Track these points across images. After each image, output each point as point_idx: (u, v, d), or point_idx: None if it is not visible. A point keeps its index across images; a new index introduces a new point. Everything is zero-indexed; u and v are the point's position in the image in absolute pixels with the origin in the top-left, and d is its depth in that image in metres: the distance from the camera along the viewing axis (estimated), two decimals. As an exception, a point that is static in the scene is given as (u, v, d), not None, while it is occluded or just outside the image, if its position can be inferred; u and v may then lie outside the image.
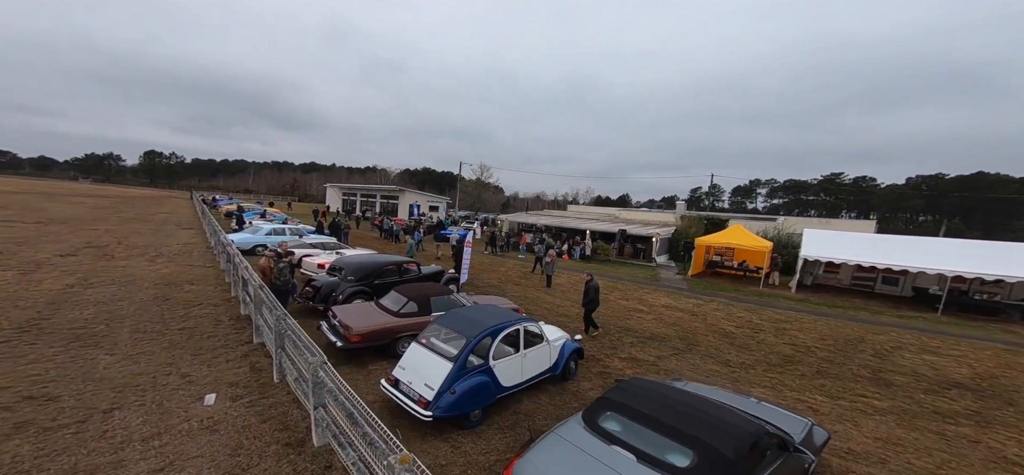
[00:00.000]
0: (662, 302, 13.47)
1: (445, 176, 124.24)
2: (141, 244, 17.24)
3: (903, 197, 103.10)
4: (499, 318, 6.03)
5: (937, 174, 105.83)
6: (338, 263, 10.35)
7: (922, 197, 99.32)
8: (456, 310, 6.48)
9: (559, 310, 11.88)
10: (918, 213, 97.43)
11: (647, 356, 8.56)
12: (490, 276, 16.46)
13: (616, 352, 8.62)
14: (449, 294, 8.21)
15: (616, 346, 9.03)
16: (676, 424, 3.67)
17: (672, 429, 3.64)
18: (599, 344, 9.04)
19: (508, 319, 6.06)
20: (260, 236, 17.38)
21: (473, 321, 5.84)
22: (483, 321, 5.82)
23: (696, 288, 16.63)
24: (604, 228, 26.40)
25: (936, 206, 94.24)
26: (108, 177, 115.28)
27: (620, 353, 8.58)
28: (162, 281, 11.64)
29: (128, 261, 13.79)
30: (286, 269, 8.79)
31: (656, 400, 4.02)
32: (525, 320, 6.31)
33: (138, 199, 49.72)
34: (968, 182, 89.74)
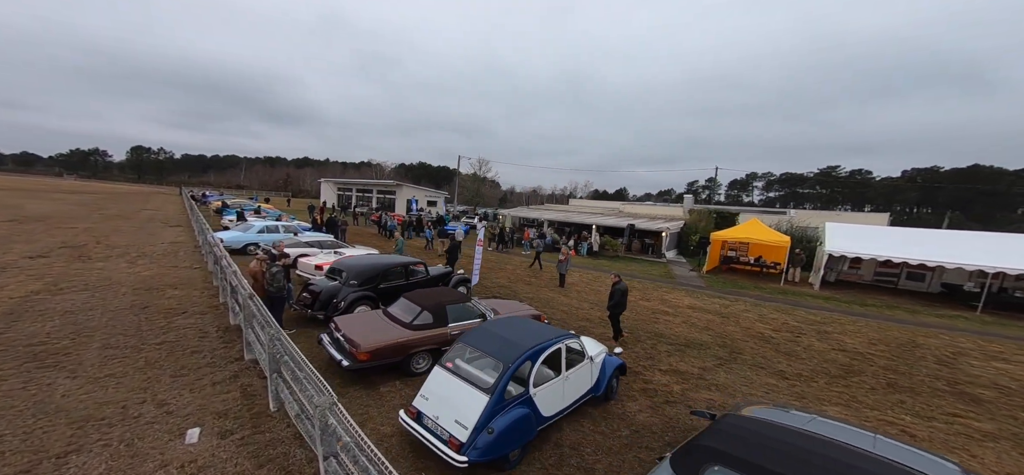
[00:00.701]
0: (686, 302, 12.60)
1: (441, 170, 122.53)
2: (122, 243, 16.01)
3: (898, 190, 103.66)
4: (537, 336, 5.07)
5: (932, 167, 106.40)
6: (339, 265, 9.31)
7: (917, 190, 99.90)
8: (486, 326, 5.50)
9: (578, 313, 10.95)
10: (914, 206, 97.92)
11: (690, 367, 7.66)
12: (498, 275, 15.50)
13: (655, 363, 7.72)
14: (466, 301, 7.23)
15: (652, 356, 8.13)
16: None
17: None
18: (633, 354, 8.13)
19: (547, 337, 5.10)
20: (252, 234, 16.23)
21: (508, 341, 4.86)
22: (520, 341, 4.85)
23: (715, 286, 15.80)
24: (611, 223, 25.50)
25: (931, 199, 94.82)
26: (94, 173, 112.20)
27: (659, 364, 7.68)
28: (142, 285, 10.51)
29: (106, 263, 12.61)
30: (281, 273, 7.73)
31: (779, 451, 3.07)
32: (566, 336, 5.35)
33: (124, 195, 47.90)
34: (964, 175, 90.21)
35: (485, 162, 64.46)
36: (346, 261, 9.40)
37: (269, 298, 7.66)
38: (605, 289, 13.94)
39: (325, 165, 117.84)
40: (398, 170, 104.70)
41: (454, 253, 14.83)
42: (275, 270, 7.66)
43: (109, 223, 21.60)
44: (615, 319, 8.81)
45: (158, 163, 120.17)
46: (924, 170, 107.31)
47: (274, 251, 9.28)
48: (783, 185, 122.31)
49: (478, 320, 7.13)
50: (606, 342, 8.07)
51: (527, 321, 5.81)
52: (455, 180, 51.21)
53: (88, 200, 36.01)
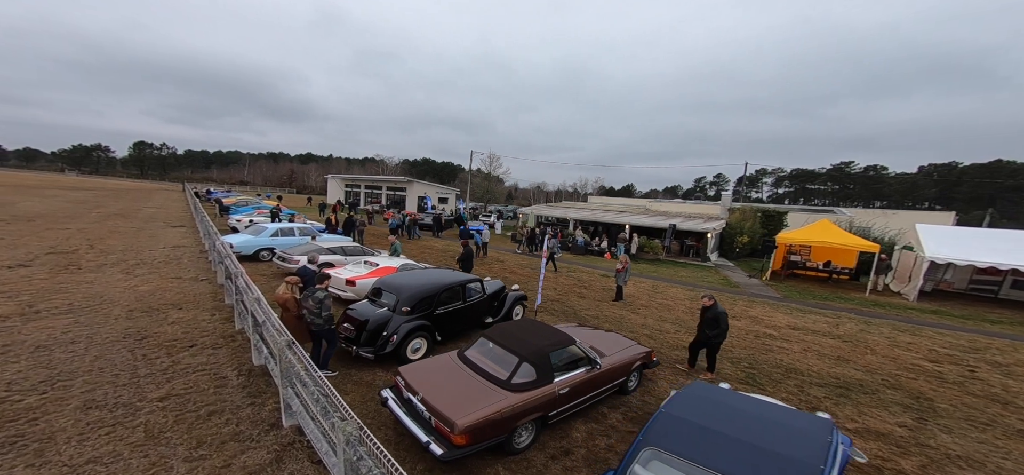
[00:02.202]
0: (783, 321, 10.66)
1: (445, 166, 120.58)
2: (119, 247, 14.20)
3: (915, 186, 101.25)
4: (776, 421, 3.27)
5: (950, 162, 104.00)
6: (382, 284, 7.44)
7: (935, 185, 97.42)
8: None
9: (665, 336, 9.05)
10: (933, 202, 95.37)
11: (884, 425, 5.74)
12: (546, 283, 13.62)
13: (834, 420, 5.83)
14: (569, 342, 5.34)
15: (811, 404, 6.23)
16: None
17: None
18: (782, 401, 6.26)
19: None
20: (264, 238, 14.39)
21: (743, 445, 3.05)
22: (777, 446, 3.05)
23: (792, 296, 13.82)
24: (646, 222, 23.56)
25: (949, 195, 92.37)
26: (96, 169, 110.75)
27: (837, 420, 5.78)
28: (139, 305, 8.69)
29: (98, 273, 10.80)
30: (327, 301, 5.84)
31: None
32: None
33: (125, 191, 46.19)
34: (985, 170, 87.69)
35: (495, 158, 62.33)
36: (391, 280, 7.53)
37: (311, 333, 5.84)
38: (675, 303, 12.08)
39: (329, 161, 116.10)
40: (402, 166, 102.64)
41: (468, 262, 12.32)
42: (321, 296, 5.78)
43: (106, 223, 19.81)
44: (714, 350, 6.93)
45: (161, 159, 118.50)
46: (941, 166, 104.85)
47: (311, 266, 7.42)
48: (793, 181, 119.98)
49: (586, 370, 5.28)
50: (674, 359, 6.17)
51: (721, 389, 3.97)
52: (468, 177, 49.27)
53: (87, 197, 34.27)
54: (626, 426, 5.38)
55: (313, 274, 7.16)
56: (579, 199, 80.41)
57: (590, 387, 5.29)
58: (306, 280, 7.01)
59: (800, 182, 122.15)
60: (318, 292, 5.76)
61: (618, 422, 5.46)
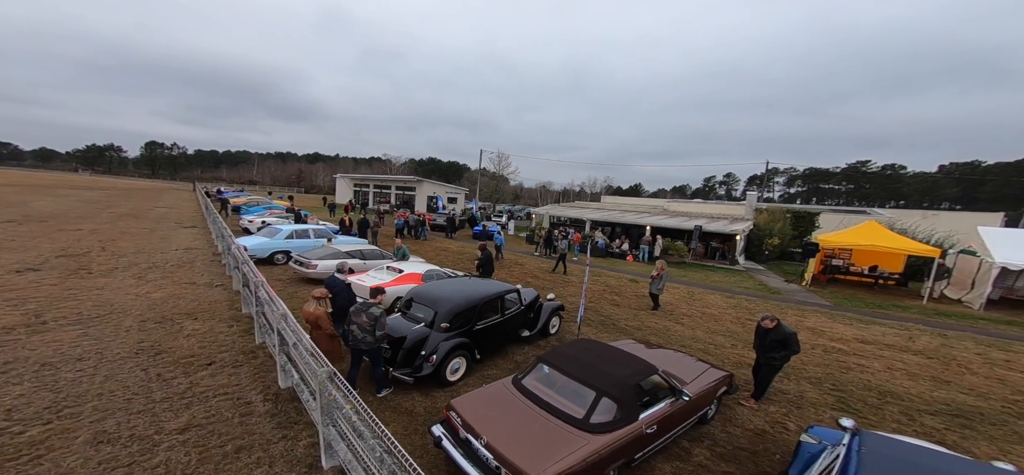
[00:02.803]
0: (848, 333, 9.71)
1: (450, 165, 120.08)
2: (131, 250, 13.71)
3: (936, 185, 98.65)
4: None
5: (973, 161, 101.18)
6: (416, 296, 6.75)
7: (957, 185, 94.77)
8: None
9: (715, 350, 8.24)
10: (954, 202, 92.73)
11: None
12: (565, 289, 12.88)
13: None
14: (651, 372, 4.57)
15: (938, 440, 5.40)
16: None
17: None
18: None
19: None
20: (279, 240, 13.80)
21: None
22: None
23: (844, 304, 12.78)
24: (668, 224, 22.65)
25: (972, 195, 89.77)
26: (109, 168, 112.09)
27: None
28: (152, 314, 8.11)
29: (109, 278, 10.26)
30: (383, 319, 5.23)
31: None
32: None
33: (136, 191, 46.25)
34: (1011, 169, 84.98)
35: (504, 157, 61.58)
36: (425, 291, 6.83)
37: (352, 353, 5.21)
38: (719, 312, 11.23)
39: (336, 161, 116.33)
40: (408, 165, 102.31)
41: (488, 268, 11.32)
42: (377, 312, 5.15)
43: (118, 224, 19.43)
44: (773, 373, 6.04)
45: (171, 158, 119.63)
46: (962, 165, 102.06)
47: (340, 276, 6.74)
48: (806, 181, 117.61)
49: (670, 402, 4.51)
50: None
51: None
52: (477, 176, 48.59)
53: (99, 197, 34.19)
54: (718, 466, 4.63)
55: (342, 286, 6.48)
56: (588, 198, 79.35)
57: (675, 422, 4.55)
58: (335, 292, 6.35)
59: (813, 182, 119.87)
60: (374, 308, 5.13)
61: (707, 460, 4.70)
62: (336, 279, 6.58)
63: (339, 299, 6.44)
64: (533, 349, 7.59)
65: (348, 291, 6.56)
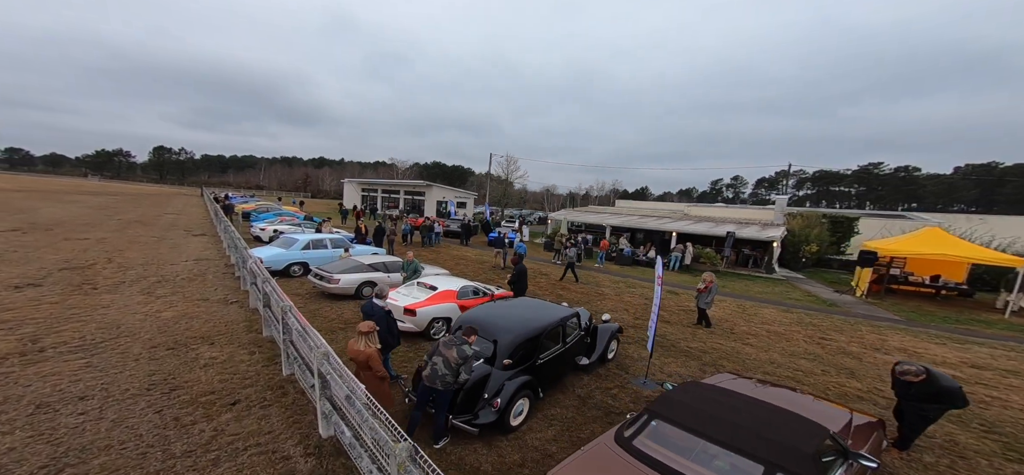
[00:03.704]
0: (950, 356, 8.45)
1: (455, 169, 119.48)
2: (139, 261, 12.91)
3: (953, 187, 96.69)
4: None
5: (990, 163, 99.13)
6: (470, 321, 5.79)
7: (975, 187, 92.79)
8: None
9: (806, 378, 7.21)
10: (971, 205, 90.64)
11: None
12: (610, 303, 11.88)
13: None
14: (824, 436, 3.50)
15: None
16: None
17: None
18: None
19: None
20: (295, 251, 12.94)
21: None
22: None
23: (915, 318, 11.66)
24: (695, 229, 21.57)
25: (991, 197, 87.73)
26: (118, 173, 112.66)
27: None
28: (164, 339, 7.23)
29: (115, 294, 9.42)
30: (473, 360, 4.55)
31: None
32: None
33: (145, 196, 45.87)
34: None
35: (513, 160, 60.66)
36: (476, 318, 5.86)
37: (419, 393, 4.31)
38: (784, 330, 10.14)
39: (342, 165, 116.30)
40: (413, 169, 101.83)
41: (522, 283, 10.28)
42: (469, 351, 4.39)
43: (126, 232, 18.71)
44: (922, 424, 5.00)
45: (179, 163, 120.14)
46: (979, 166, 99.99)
47: (379, 302, 5.77)
48: (815, 183, 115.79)
49: (845, 472, 3.48)
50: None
51: None
52: (487, 180, 47.72)
53: (107, 202, 33.70)
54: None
55: (381, 314, 5.54)
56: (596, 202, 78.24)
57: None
58: (374, 321, 5.43)
59: (823, 184, 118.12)
60: (466, 347, 4.26)
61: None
62: (374, 306, 5.64)
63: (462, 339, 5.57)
64: (595, 380, 6.61)
65: (388, 320, 5.63)
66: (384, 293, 5.86)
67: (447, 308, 8.34)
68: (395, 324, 5.77)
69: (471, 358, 4.48)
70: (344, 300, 10.28)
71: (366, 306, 5.72)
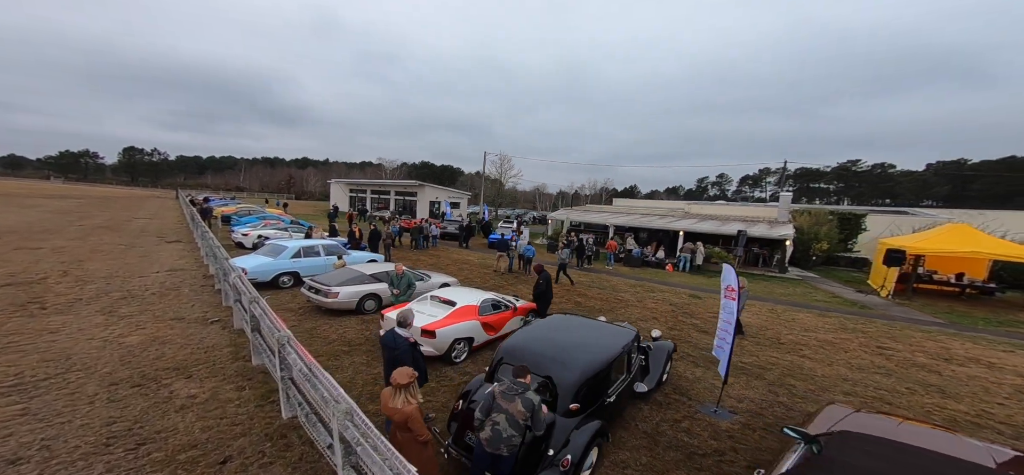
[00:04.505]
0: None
1: (445, 169, 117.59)
2: (101, 273, 11.31)
3: (926, 184, 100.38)
4: None
5: (959, 159, 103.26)
6: (513, 356, 4.69)
7: (947, 183, 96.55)
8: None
9: (893, 398, 6.39)
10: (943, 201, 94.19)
11: None
12: (634, 311, 10.97)
13: None
14: None
15: None
16: None
17: None
18: None
19: None
20: (284, 260, 11.56)
21: None
22: None
23: (954, 319, 11.10)
24: (703, 228, 20.95)
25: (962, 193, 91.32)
26: (85, 175, 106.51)
27: None
28: (128, 372, 5.90)
29: (68, 315, 7.95)
30: (541, 412, 3.48)
31: None
32: None
33: (114, 199, 42.87)
34: (1001, 166, 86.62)
35: (507, 159, 59.65)
36: (523, 348, 4.77)
37: (476, 459, 3.20)
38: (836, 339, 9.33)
39: (327, 165, 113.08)
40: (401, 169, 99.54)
41: (547, 297, 9.11)
42: (535, 400, 3.32)
43: (90, 239, 16.83)
44: None
45: (153, 164, 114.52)
46: (949, 163, 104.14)
47: (403, 332, 4.57)
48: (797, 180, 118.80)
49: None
50: None
51: None
52: (482, 180, 46.47)
53: (71, 206, 31.08)
54: None
55: (406, 346, 4.41)
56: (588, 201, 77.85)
57: None
58: (397, 355, 4.29)
59: (804, 181, 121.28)
60: (530, 394, 3.18)
61: None
62: (397, 337, 4.49)
63: (401, 364, 4.39)
64: (657, 410, 5.61)
65: (415, 354, 4.49)
66: (408, 320, 4.68)
67: (469, 327, 7.22)
68: (422, 357, 4.64)
69: (540, 407, 3.42)
70: (344, 316, 9.03)
71: (387, 337, 4.56)
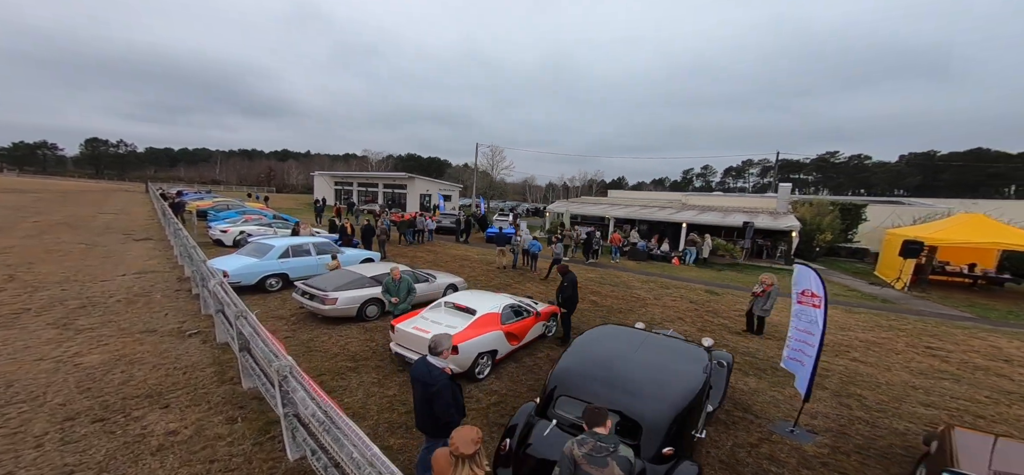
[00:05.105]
0: None
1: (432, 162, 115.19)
2: (57, 277, 9.89)
3: (900, 174, 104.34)
4: None
5: (929, 151, 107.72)
6: (578, 376, 3.83)
7: (919, 173, 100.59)
8: None
9: (980, 405, 5.87)
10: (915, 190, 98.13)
11: None
12: (654, 310, 10.32)
13: None
14: None
15: None
16: None
17: None
18: None
19: None
20: (271, 261, 10.37)
21: None
22: None
23: (979, 312, 10.85)
24: (707, 220, 20.55)
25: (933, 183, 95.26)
26: (43, 168, 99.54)
27: None
28: (87, 403, 4.81)
29: (11, 330, 6.68)
30: (634, 465, 2.41)
31: None
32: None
33: (77, 194, 39.74)
34: (969, 157, 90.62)
35: (498, 150, 58.36)
36: (587, 376, 3.91)
37: None
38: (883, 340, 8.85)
39: (309, 158, 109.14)
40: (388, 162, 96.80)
41: (574, 301, 7.80)
42: (630, 458, 2.47)
43: (44, 237, 15.07)
44: None
45: (119, 157, 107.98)
46: (920, 155, 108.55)
47: (437, 361, 3.61)
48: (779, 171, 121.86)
49: None
50: None
51: None
52: (474, 172, 45.14)
53: (25, 202, 28.40)
54: None
55: (445, 381, 3.48)
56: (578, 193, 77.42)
57: None
58: (436, 392, 3.37)
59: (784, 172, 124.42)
60: (623, 450, 2.40)
61: None
62: (432, 369, 3.55)
63: (438, 402, 3.48)
64: (725, 432, 4.88)
65: (453, 389, 3.57)
66: (443, 347, 3.71)
67: (493, 338, 6.35)
68: (461, 391, 3.72)
69: (635, 466, 2.59)
70: (343, 324, 8.01)
71: (419, 369, 3.62)
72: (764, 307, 8.80)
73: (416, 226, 20.45)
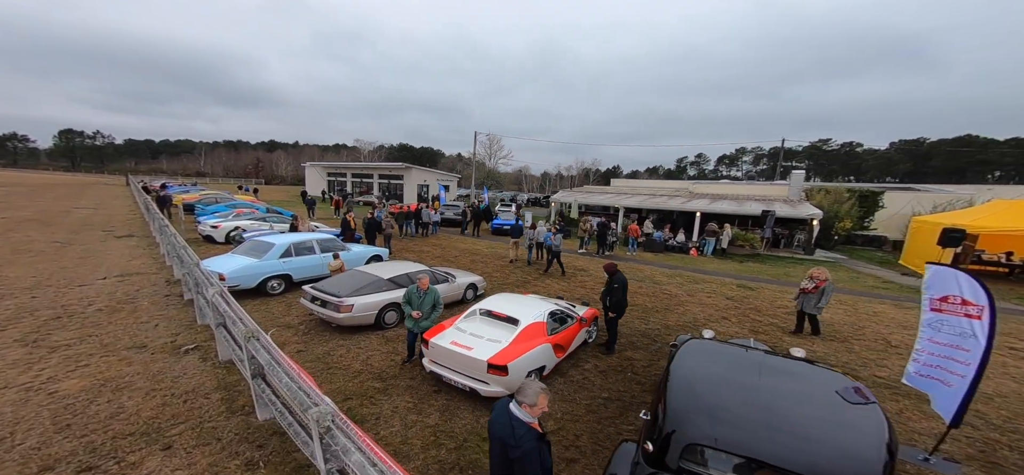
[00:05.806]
0: None
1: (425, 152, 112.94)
2: (24, 283, 8.71)
3: (891, 161, 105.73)
4: None
5: (918, 138, 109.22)
6: (719, 421, 2.98)
7: (909, 160, 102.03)
8: None
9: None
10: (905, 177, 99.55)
11: None
12: (693, 309, 9.59)
13: None
14: None
15: None
16: None
17: None
18: None
19: None
20: (272, 260, 9.30)
21: None
22: None
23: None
24: (724, 209, 19.90)
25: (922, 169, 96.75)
26: (14, 161, 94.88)
27: None
28: (68, 446, 3.84)
29: (-27, 354, 5.60)
30: None
31: None
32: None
33: (50, 187, 37.46)
34: (958, 143, 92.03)
35: (496, 139, 57.00)
36: (723, 404, 3.08)
37: None
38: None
39: (298, 148, 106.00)
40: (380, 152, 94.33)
41: (623, 306, 6.81)
42: None
43: (11, 236, 13.68)
44: None
45: (96, 149, 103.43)
46: (910, 141, 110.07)
47: (519, 412, 3.79)
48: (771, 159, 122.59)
49: None
50: None
51: None
52: (473, 162, 43.80)
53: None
54: None
55: (532, 442, 2.57)
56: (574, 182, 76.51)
57: None
58: (504, 441, 2.50)
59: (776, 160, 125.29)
60: None
61: None
62: (516, 424, 2.60)
63: (521, 471, 2.59)
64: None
65: (541, 448, 2.68)
66: (535, 398, 2.77)
67: (541, 353, 5.48)
68: (550, 452, 2.84)
69: None
70: (359, 333, 7.08)
71: (499, 424, 2.70)
72: (817, 305, 7.99)
73: (421, 218, 19.37)
